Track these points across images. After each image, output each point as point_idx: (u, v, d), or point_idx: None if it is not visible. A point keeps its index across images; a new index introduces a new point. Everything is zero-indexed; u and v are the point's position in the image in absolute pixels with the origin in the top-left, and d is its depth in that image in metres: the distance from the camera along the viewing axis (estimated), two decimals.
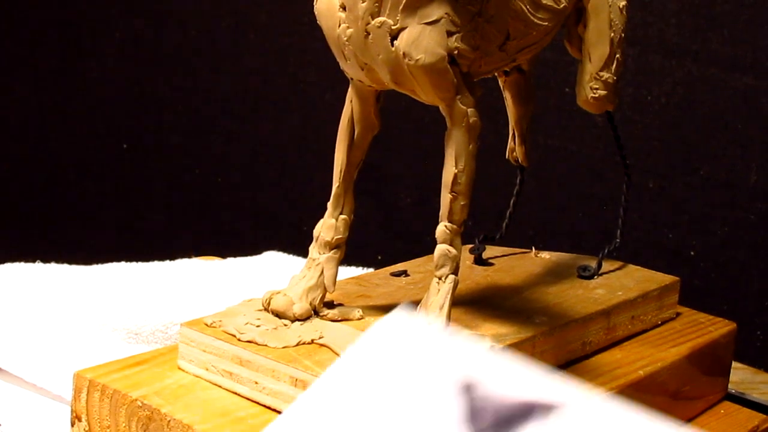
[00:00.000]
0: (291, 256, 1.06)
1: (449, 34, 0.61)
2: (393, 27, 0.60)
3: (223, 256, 1.05)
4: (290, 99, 1.38)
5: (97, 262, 0.97)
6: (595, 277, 0.79)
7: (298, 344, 0.63)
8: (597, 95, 0.73)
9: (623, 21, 0.73)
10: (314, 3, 0.64)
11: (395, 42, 0.61)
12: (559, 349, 0.71)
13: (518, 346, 0.67)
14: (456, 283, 0.64)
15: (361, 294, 0.71)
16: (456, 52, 0.61)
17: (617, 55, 0.73)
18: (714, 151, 1.14)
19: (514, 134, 0.80)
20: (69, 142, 1.54)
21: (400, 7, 0.60)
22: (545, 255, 0.84)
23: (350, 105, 0.67)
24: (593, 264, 0.80)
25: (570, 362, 0.72)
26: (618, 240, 0.81)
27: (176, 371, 0.65)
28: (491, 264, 0.81)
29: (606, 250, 0.80)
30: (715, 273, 1.16)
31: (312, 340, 0.64)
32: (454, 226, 0.64)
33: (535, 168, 1.21)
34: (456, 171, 0.63)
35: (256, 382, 0.62)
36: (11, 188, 1.59)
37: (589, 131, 1.18)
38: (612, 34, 0.72)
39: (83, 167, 1.54)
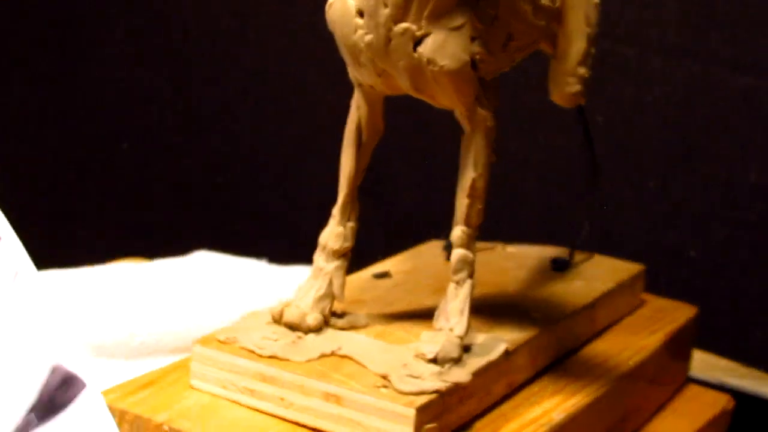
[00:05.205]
0: (220, 254, 1.01)
1: (472, 39, 0.60)
2: (417, 33, 0.60)
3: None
4: (290, 99, 1.38)
5: (100, 262, 0.97)
6: (568, 268, 0.80)
7: (320, 357, 0.63)
8: (573, 90, 0.73)
9: (597, 17, 0.73)
10: (326, 9, 0.63)
11: (418, 48, 0.60)
12: (559, 345, 0.71)
13: (528, 345, 0.67)
14: (473, 287, 0.64)
15: (354, 299, 0.70)
16: (478, 56, 0.61)
17: (592, 51, 0.73)
18: (714, 151, 1.15)
19: None
20: (69, 141, 1.54)
21: (425, 14, 0.59)
22: (511, 249, 0.84)
23: (357, 112, 0.66)
24: (564, 256, 0.80)
25: (562, 357, 0.72)
26: (587, 230, 0.81)
27: (189, 390, 0.64)
28: None
29: (577, 242, 0.81)
30: (715, 273, 1.16)
31: (332, 352, 0.63)
32: (470, 230, 0.64)
33: (536, 168, 1.21)
34: (474, 175, 0.63)
35: (282, 399, 0.61)
36: (11, 187, 1.59)
37: (591, 131, 1.18)
38: (588, 30, 0.72)
39: (83, 167, 1.54)
